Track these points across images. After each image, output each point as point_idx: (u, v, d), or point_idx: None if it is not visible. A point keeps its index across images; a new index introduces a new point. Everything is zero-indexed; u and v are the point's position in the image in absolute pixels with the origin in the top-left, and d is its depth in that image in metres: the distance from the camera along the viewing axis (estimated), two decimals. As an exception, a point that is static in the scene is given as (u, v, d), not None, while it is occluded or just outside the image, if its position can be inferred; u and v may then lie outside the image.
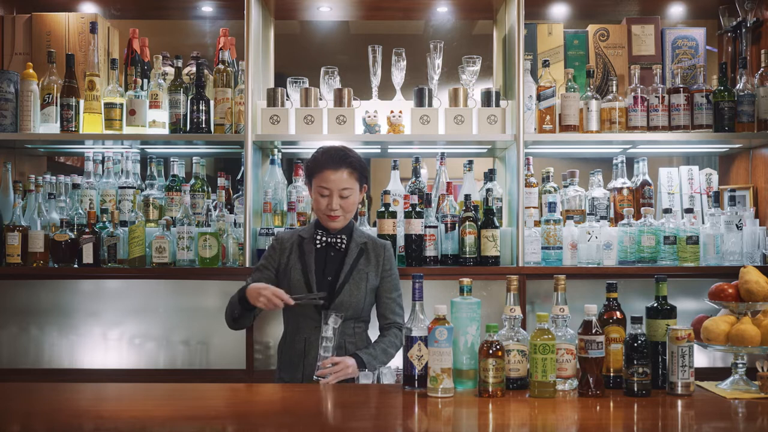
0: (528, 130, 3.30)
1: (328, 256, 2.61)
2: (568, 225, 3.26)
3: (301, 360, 2.54)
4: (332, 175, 2.55)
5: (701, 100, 3.32)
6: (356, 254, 2.61)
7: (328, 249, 2.62)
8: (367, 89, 3.46)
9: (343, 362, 2.41)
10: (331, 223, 2.59)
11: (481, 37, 4.01)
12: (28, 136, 3.32)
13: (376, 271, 2.62)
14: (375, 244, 2.67)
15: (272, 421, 1.91)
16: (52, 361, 3.19)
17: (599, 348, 2.05)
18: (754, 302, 2.17)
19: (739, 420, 1.93)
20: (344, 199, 2.57)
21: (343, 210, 2.58)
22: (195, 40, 4.20)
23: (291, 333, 2.61)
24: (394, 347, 2.60)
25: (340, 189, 2.55)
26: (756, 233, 3.26)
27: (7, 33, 3.55)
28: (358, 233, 2.67)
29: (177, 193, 3.37)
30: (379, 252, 2.65)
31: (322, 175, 2.56)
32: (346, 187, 2.56)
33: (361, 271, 2.60)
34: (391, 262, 2.67)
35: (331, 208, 2.56)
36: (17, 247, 3.21)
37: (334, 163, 2.56)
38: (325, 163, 2.57)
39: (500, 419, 1.89)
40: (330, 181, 2.55)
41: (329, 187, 2.55)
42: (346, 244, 2.62)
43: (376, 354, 2.53)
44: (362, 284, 2.59)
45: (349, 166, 2.58)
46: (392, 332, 2.62)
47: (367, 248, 2.64)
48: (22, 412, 2.00)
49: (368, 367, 2.47)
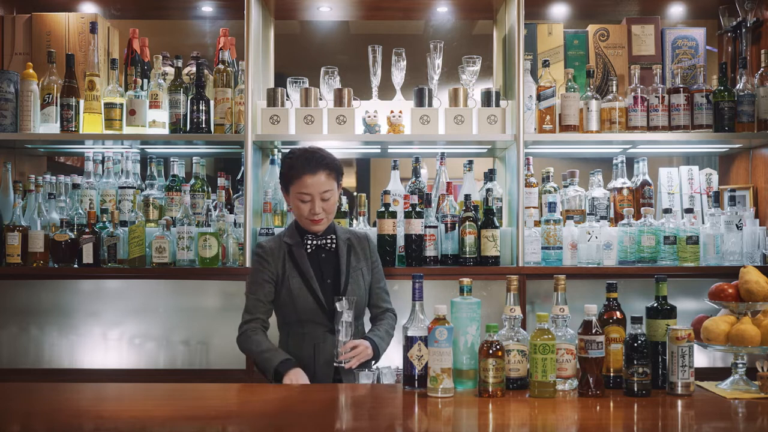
0: (528, 130, 3.30)
1: (320, 258, 2.60)
2: (568, 225, 3.26)
3: (312, 364, 2.51)
4: (311, 180, 2.51)
5: (701, 100, 3.31)
6: (346, 251, 2.62)
7: (318, 251, 2.60)
8: (367, 89, 3.46)
9: (362, 344, 2.44)
10: (314, 227, 2.57)
11: (481, 37, 4.01)
12: (28, 136, 3.33)
13: (367, 266, 2.65)
14: (358, 237, 2.68)
15: (272, 421, 1.91)
16: (52, 361, 3.19)
17: (599, 348, 2.05)
18: (754, 302, 2.17)
19: (739, 420, 1.93)
20: (326, 201, 2.54)
21: (326, 212, 2.55)
22: (195, 40, 4.20)
23: (296, 337, 2.56)
24: (393, 329, 2.64)
25: (320, 192, 2.52)
26: (756, 233, 3.26)
27: (7, 33, 3.55)
28: (340, 230, 2.68)
29: (177, 193, 3.37)
30: (363, 245, 2.67)
31: (301, 181, 2.51)
32: (326, 190, 2.53)
33: (356, 269, 2.61)
34: (375, 253, 2.69)
35: (314, 212, 2.52)
36: (17, 247, 3.21)
37: (311, 167, 2.52)
38: (302, 168, 2.52)
39: (500, 419, 1.89)
40: (309, 186, 2.51)
41: (310, 192, 2.51)
42: (336, 242, 2.62)
43: (382, 336, 2.56)
44: (360, 282, 2.60)
45: (326, 168, 2.54)
46: (388, 316, 2.65)
47: (352, 243, 2.65)
48: (22, 412, 2.00)
49: (379, 348, 2.50)
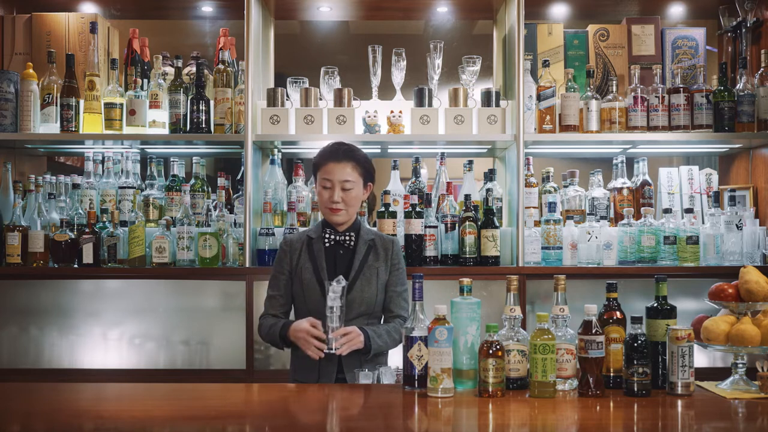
0: (528, 130, 3.30)
1: (337, 254, 2.60)
2: (568, 225, 3.26)
3: (316, 364, 2.49)
4: (335, 167, 2.55)
5: (701, 100, 3.31)
6: (365, 251, 2.60)
7: (336, 247, 2.60)
8: (367, 89, 3.46)
9: (353, 331, 2.42)
10: (333, 217, 2.57)
11: (481, 37, 4.01)
12: (28, 136, 3.33)
13: (385, 266, 2.61)
14: (383, 240, 2.66)
15: (272, 421, 1.91)
16: (52, 361, 3.19)
17: (599, 348, 2.05)
18: (754, 302, 2.17)
19: (739, 420, 1.93)
20: (346, 191, 2.55)
21: (345, 203, 2.55)
22: (195, 40, 4.20)
23: None
24: (397, 333, 2.56)
25: (342, 180, 2.54)
26: (756, 233, 3.26)
27: (7, 33, 3.55)
28: (365, 230, 2.66)
29: (177, 193, 3.37)
30: (387, 247, 2.64)
31: (326, 167, 2.56)
32: (348, 179, 2.54)
33: (371, 266, 2.58)
34: (399, 257, 2.66)
35: (333, 200, 2.54)
36: (17, 247, 3.21)
37: (338, 155, 2.56)
38: (330, 156, 2.57)
39: (500, 419, 1.89)
40: (332, 172, 2.54)
41: (331, 178, 2.54)
42: (355, 241, 2.61)
43: (380, 333, 2.51)
44: (373, 280, 2.57)
45: (353, 160, 2.57)
46: (397, 321, 2.59)
47: (375, 244, 2.62)
48: (22, 412, 2.00)
49: (372, 342, 2.45)
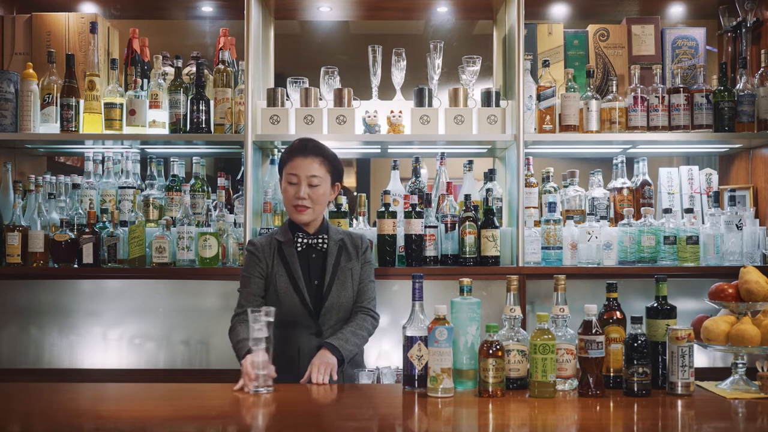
0: (528, 130, 3.30)
1: (310, 258, 2.56)
2: (568, 225, 3.26)
3: (295, 365, 2.47)
4: (302, 162, 2.50)
5: (701, 100, 3.31)
6: (336, 252, 2.57)
7: (309, 251, 2.56)
8: (367, 89, 3.46)
9: (318, 361, 2.29)
10: (298, 216, 2.51)
11: (481, 37, 4.01)
12: (28, 136, 3.33)
13: (358, 264, 2.59)
14: (352, 238, 2.63)
15: (272, 421, 1.91)
16: (52, 361, 3.19)
17: (599, 348, 2.05)
18: (754, 302, 2.17)
19: (739, 420, 1.93)
20: (313, 188, 2.50)
21: (312, 201, 2.50)
22: (195, 40, 4.20)
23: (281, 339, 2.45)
24: (364, 330, 2.50)
25: (308, 176, 2.49)
26: (756, 233, 3.26)
27: (7, 33, 3.55)
28: (333, 230, 2.62)
29: (177, 193, 3.37)
30: (357, 244, 2.61)
31: (293, 162, 2.51)
32: (315, 175, 2.50)
33: (345, 268, 2.56)
34: (368, 252, 2.63)
35: (299, 196, 2.48)
36: (17, 247, 3.21)
37: (306, 150, 2.52)
38: (297, 151, 2.53)
39: (500, 419, 1.89)
40: (299, 167, 2.50)
41: (298, 173, 2.50)
42: (327, 243, 2.57)
43: (347, 338, 2.42)
44: (348, 282, 2.55)
45: (321, 155, 2.53)
46: (359, 316, 2.53)
47: (345, 244, 2.60)
48: (22, 412, 2.00)
49: (342, 351, 2.36)
